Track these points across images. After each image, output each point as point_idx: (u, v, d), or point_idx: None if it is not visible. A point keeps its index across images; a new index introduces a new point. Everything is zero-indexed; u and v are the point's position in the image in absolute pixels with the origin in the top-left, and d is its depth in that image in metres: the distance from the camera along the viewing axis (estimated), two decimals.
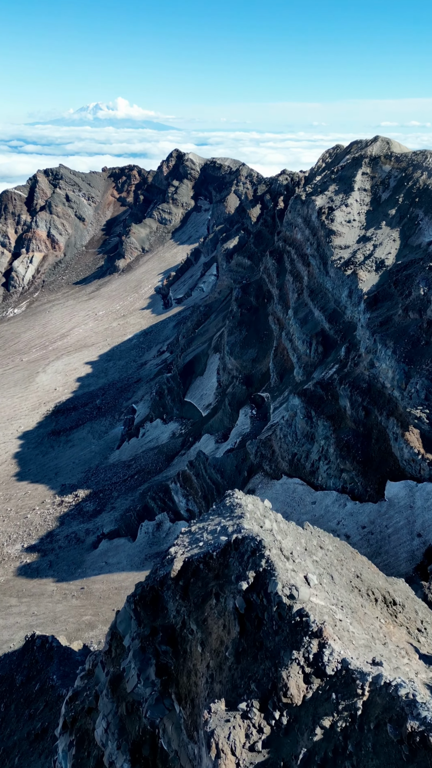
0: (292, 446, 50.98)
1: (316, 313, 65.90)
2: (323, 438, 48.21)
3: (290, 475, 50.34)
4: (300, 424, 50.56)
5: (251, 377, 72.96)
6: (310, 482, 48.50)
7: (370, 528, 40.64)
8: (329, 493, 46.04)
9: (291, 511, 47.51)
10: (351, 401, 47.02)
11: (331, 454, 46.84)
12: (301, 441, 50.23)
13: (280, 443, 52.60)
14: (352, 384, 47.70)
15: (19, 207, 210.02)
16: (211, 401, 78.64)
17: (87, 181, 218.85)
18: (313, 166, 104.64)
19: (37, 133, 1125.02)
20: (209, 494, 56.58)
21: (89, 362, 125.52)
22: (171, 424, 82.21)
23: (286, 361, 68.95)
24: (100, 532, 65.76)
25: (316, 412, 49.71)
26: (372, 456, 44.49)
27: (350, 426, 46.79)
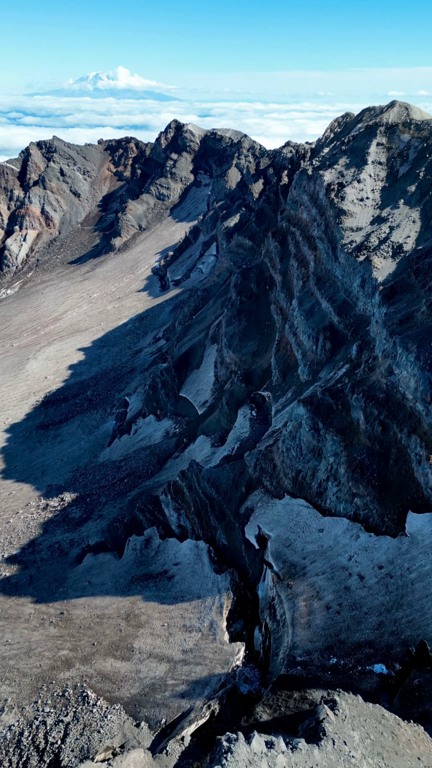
0: (296, 462, 44.40)
1: (324, 304, 58.63)
2: (332, 455, 41.58)
3: (294, 495, 43.89)
4: (305, 437, 43.89)
5: (251, 374, 66.03)
6: (316, 505, 42.06)
7: (389, 569, 34.29)
8: (339, 521, 39.63)
9: (295, 539, 41.21)
10: (365, 414, 40.22)
11: (342, 475, 40.27)
12: (307, 456, 43.62)
13: (282, 457, 46.02)
14: (366, 393, 40.82)
15: (12, 182, 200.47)
16: (208, 398, 71.91)
17: (82, 154, 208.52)
18: (321, 137, 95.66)
19: (36, 104, 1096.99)
20: (203, 510, 50.31)
21: (82, 348, 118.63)
22: (165, 422, 75.68)
23: (289, 357, 61.94)
24: (85, 543, 59.84)
25: (323, 424, 42.97)
26: (390, 480, 37.90)
27: (364, 443, 40.09)
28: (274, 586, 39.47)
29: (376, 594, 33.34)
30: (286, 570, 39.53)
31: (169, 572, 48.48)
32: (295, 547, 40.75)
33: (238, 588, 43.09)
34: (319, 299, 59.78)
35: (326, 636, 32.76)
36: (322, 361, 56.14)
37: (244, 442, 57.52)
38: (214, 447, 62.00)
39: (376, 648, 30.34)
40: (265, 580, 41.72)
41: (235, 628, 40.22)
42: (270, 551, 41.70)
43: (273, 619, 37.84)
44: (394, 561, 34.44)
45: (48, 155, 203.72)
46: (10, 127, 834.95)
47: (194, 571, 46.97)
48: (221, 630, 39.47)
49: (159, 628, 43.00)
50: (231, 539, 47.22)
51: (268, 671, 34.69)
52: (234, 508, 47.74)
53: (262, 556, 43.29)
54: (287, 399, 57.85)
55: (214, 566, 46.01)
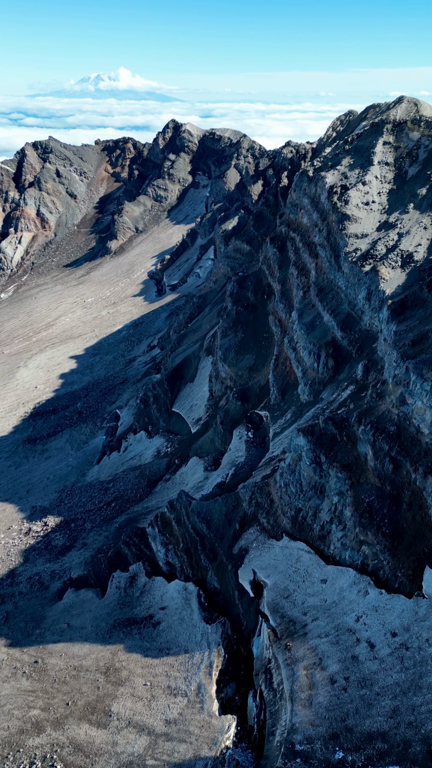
0: (295, 499, 39.29)
1: (326, 317, 53.52)
2: (336, 493, 36.48)
3: (293, 537, 38.80)
4: (306, 472, 38.77)
5: (247, 391, 60.93)
6: (319, 550, 36.96)
7: (404, 638, 29.19)
8: (345, 571, 34.52)
9: (294, 589, 36.13)
10: (374, 449, 35.11)
11: (347, 518, 35.17)
12: (308, 494, 38.52)
13: (280, 493, 40.93)
14: (375, 425, 35.70)
15: (7, 183, 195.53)
16: (202, 415, 66.81)
17: (79, 155, 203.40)
18: (322, 136, 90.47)
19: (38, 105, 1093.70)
20: (192, 547, 45.23)
21: (74, 356, 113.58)
22: (156, 439, 70.60)
23: (289, 374, 56.84)
24: (67, 576, 54.81)
25: (326, 457, 37.87)
26: (403, 527, 32.79)
27: (373, 482, 34.98)
28: (270, 645, 34.41)
29: (390, 669, 28.24)
30: (284, 627, 34.47)
31: (155, 618, 43.43)
32: (294, 599, 35.68)
33: (230, 642, 38.02)
34: (320, 312, 54.67)
35: (331, 719, 27.69)
36: (324, 380, 51.04)
37: (239, 467, 52.42)
38: (207, 471, 56.92)
39: (390, 743, 25.26)
40: (261, 636, 36.67)
41: (226, 693, 35.16)
42: (266, 601, 36.66)
43: (269, 687, 32.79)
44: (410, 628, 29.33)
45: (44, 156, 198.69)
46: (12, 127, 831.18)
47: (182, 619, 41.89)
48: (210, 697, 34.41)
49: (141, 688, 37.93)
50: (223, 582, 42.15)
51: (262, 755, 29.63)
52: (227, 547, 42.66)
53: (258, 605, 38.26)
54: (286, 421, 52.75)
55: (204, 614, 40.93)
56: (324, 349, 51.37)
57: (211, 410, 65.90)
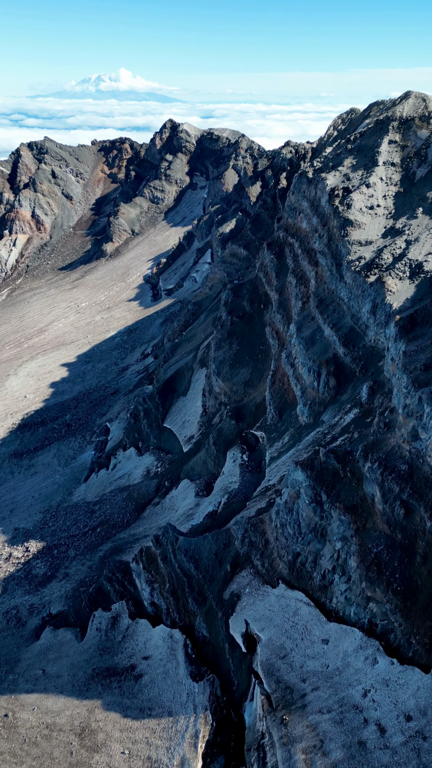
0: (293, 542, 34.69)
1: (327, 332, 48.89)
2: (339, 539, 31.87)
3: (291, 585, 34.19)
4: (305, 511, 34.17)
5: (242, 408, 56.31)
6: (320, 603, 32.35)
7: (420, 724, 24.57)
8: (350, 632, 29.92)
9: (292, 648, 31.53)
10: (382, 490, 30.50)
11: (352, 569, 30.57)
12: (307, 537, 33.91)
13: (276, 533, 36.32)
14: (383, 463, 31.08)
15: (1, 184, 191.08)
16: (194, 433, 62.21)
17: (75, 155, 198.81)
18: (323, 135, 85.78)
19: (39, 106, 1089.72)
20: (179, 589, 40.64)
21: (66, 364, 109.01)
22: (146, 457, 66.01)
23: (287, 392, 52.22)
24: (47, 612, 50.27)
25: (328, 495, 33.26)
26: (417, 584, 28.18)
27: (381, 528, 30.37)
28: (264, 715, 29.84)
29: (404, 765, 23.66)
30: (280, 694, 29.88)
31: (137, 669, 38.85)
32: (292, 661, 31.08)
33: (220, 705, 33.45)
34: (321, 325, 50.03)
35: None
36: (325, 400, 46.41)
37: (232, 495, 47.80)
38: (198, 497, 52.31)
39: None
40: (254, 701, 32.09)
41: None
42: (260, 661, 32.06)
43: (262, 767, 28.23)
44: (428, 712, 24.73)
45: (39, 157, 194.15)
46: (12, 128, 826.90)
47: (166, 673, 37.31)
48: None
49: (118, 757, 33.36)
50: (213, 631, 37.56)
51: None
52: (217, 590, 38.07)
53: (251, 662, 33.69)
54: (284, 444, 48.13)
55: (191, 668, 36.35)
56: (324, 366, 46.75)
57: (204, 428, 61.29)
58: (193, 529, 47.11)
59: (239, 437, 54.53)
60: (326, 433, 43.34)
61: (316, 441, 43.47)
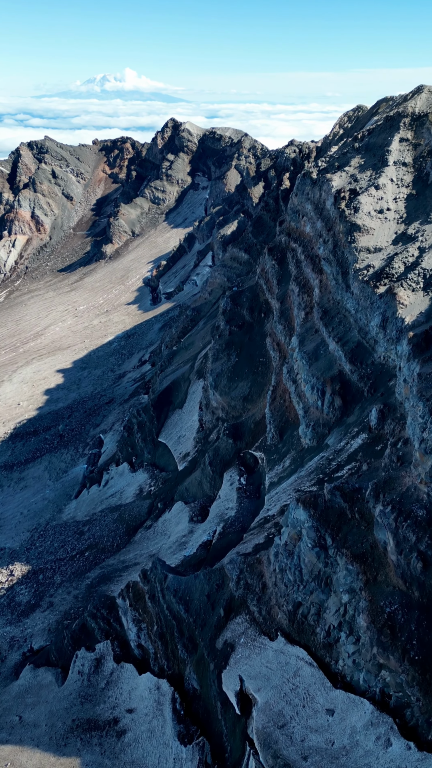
0: (294, 590, 30.61)
1: (332, 346, 44.74)
2: (347, 590, 27.78)
3: (291, 639, 30.13)
4: (307, 556, 30.09)
5: (240, 426, 52.24)
6: (324, 663, 28.27)
7: None
8: (359, 703, 25.84)
9: (292, 716, 27.47)
10: (396, 538, 26.39)
11: (361, 628, 26.47)
12: (309, 585, 29.83)
13: (275, 578, 32.24)
14: (397, 507, 26.96)
15: (1, 184, 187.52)
16: (190, 450, 58.19)
17: (76, 155, 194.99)
18: (328, 134, 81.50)
19: (44, 106, 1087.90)
20: (168, 632, 36.64)
21: (61, 370, 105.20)
22: (139, 474, 62.04)
23: (288, 410, 48.10)
24: (28, 646, 46.42)
25: (333, 539, 29.17)
26: None
27: (395, 583, 26.27)
28: None
29: None
30: None
31: (120, 723, 34.90)
32: (291, 732, 27.03)
33: None
34: (325, 338, 45.89)
35: None
36: (329, 422, 42.28)
37: (228, 523, 43.74)
38: (192, 522, 48.29)
39: None
40: None
41: None
42: (256, 728, 28.03)
43: None
44: None
45: (39, 156, 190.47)
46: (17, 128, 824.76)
47: (152, 731, 33.35)
48: None
49: None
50: (204, 684, 33.56)
51: None
52: (209, 638, 34.05)
53: (245, 726, 29.69)
54: (284, 469, 44.05)
55: (178, 727, 32.36)
56: (329, 384, 42.61)
57: (200, 444, 57.26)
58: (186, 560, 43.11)
59: (237, 457, 50.47)
60: (331, 459, 39.24)
61: (320, 468, 39.38)
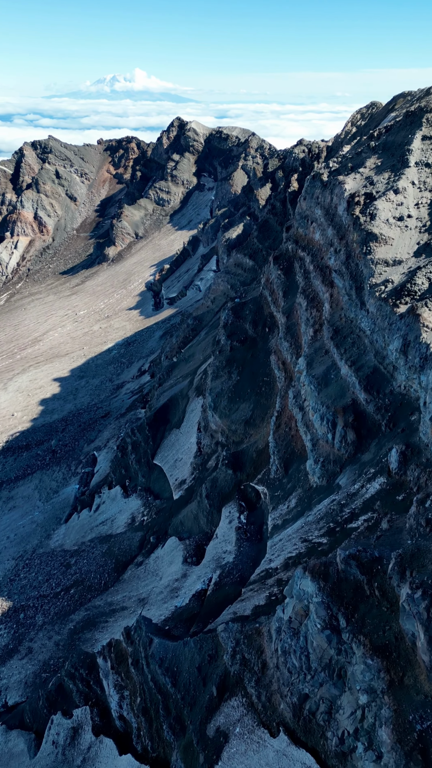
0: (299, 679, 25.28)
1: (344, 370, 39.31)
2: (365, 689, 22.41)
3: (296, 739, 24.81)
4: (316, 640, 24.72)
5: (241, 455, 46.93)
6: None
7: None
8: None
9: None
10: (428, 633, 20.98)
11: (384, 744, 21.04)
12: (319, 676, 24.48)
13: (276, 659, 26.93)
14: (429, 593, 21.55)
15: (4, 184, 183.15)
16: (187, 477, 52.95)
17: (80, 155, 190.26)
18: (339, 132, 75.83)
19: (54, 106, 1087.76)
20: (153, 708, 31.44)
21: (58, 378, 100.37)
22: (132, 500, 56.91)
23: (294, 440, 42.73)
24: (2, 701, 41.45)
25: (348, 620, 23.80)
26: None
27: (428, 692, 20.87)
28: None
29: None
30: None
31: None
32: None
33: None
34: (336, 361, 40.45)
35: None
36: (341, 458, 36.88)
37: (225, 571, 38.46)
38: (186, 563, 43.05)
39: None
40: None
41: None
42: None
43: None
44: None
45: (43, 156, 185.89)
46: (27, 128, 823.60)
47: None
48: None
49: None
50: None
51: None
52: (199, 721, 28.82)
53: None
54: (289, 510, 38.70)
55: None
56: (341, 415, 37.19)
57: (197, 471, 51.99)
58: (177, 613, 37.88)
59: (237, 490, 45.17)
60: (343, 503, 33.86)
61: (331, 514, 34.02)
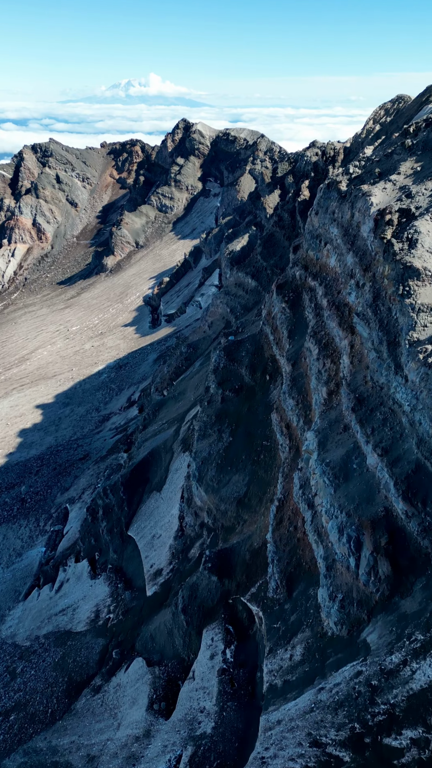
0: None
1: (372, 460, 27.28)
2: None
3: None
4: None
5: (230, 556, 35.05)
6: None
7: None
8: None
9: None
10: None
11: None
12: None
13: None
14: None
15: (2, 189, 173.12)
16: (164, 566, 41.21)
17: (82, 158, 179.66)
18: (359, 131, 63.64)
19: (69, 110, 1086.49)
20: None
21: (42, 405, 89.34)
22: (99, 585, 45.33)
23: (301, 546, 30.78)
24: None
25: None
26: None
27: None
28: None
29: None
30: None
31: None
32: None
33: None
34: (361, 445, 28.42)
35: None
36: (369, 600, 24.85)
37: (198, 750, 26.61)
38: (152, 712, 31.29)
39: None
40: None
41: None
42: None
43: None
44: None
45: (43, 160, 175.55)
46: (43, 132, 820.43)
47: None
48: None
49: None
50: None
51: None
52: None
53: None
54: (293, 666, 26.73)
55: None
56: (369, 532, 25.19)
57: (176, 560, 40.24)
58: None
59: (223, 606, 33.34)
60: (374, 686, 21.83)
61: (354, 703, 21.99)
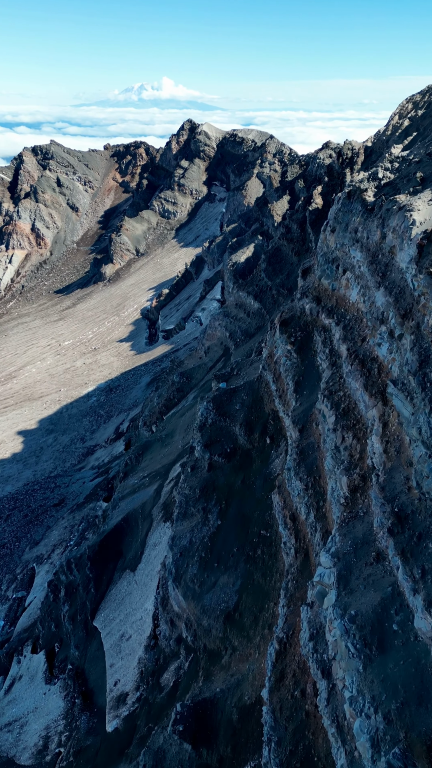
0: None
1: (424, 625, 17.24)
2: None
3: None
4: None
5: (209, 715, 24.63)
6: None
7: None
8: None
9: None
10: None
11: None
12: None
13: None
14: None
15: (1, 193, 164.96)
16: (129, 689, 31.47)
17: (84, 161, 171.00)
18: (382, 129, 53.60)
19: (82, 114, 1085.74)
20: None
21: (24, 432, 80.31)
22: (53, 696, 35.73)
23: (311, 728, 20.69)
24: None
25: None
26: None
27: None
28: None
29: None
30: None
31: None
32: None
33: None
34: (404, 590, 18.31)
35: None
36: None
37: None
38: None
39: None
40: None
41: None
42: None
43: None
44: None
45: (44, 162, 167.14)
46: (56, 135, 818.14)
47: None
48: None
49: None
50: None
51: None
52: None
53: None
54: None
55: None
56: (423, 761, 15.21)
57: (145, 687, 30.51)
58: None
59: None
60: None
61: None
